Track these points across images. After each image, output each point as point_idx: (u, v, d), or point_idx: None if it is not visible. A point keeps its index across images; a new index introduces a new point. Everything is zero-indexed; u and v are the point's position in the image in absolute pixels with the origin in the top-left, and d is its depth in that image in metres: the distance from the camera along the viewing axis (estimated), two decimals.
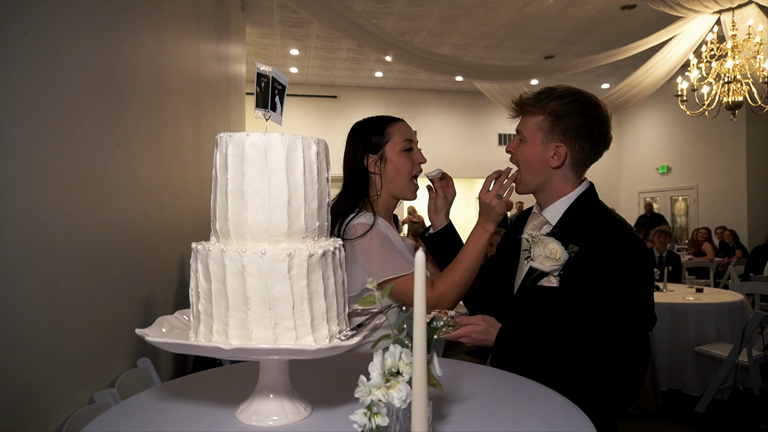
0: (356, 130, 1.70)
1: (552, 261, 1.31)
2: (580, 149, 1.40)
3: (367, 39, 5.68)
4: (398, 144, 1.62)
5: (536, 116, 1.41)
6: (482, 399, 1.07)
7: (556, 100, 1.39)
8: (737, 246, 8.03)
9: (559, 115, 1.38)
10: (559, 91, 1.41)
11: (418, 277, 0.70)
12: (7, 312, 1.14)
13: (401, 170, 1.61)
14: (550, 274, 1.34)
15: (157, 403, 1.07)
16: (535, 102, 1.42)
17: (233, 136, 0.88)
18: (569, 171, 1.42)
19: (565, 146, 1.39)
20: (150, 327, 0.93)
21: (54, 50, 1.39)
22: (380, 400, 0.73)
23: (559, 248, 1.31)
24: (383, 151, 1.62)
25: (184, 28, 3.19)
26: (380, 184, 1.63)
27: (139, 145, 2.15)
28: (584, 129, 1.38)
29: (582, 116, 1.37)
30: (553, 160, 1.40)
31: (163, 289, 2.56)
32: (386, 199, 1.66)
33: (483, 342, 1.33)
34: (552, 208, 1.43)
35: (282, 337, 0.85)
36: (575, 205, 1.41)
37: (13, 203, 1.17)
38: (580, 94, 1.41)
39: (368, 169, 1.63)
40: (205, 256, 0.87)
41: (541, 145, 1.41)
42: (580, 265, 1.30)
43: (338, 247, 0.95)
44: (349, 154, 1.67)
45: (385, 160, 1.61)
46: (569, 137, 1.38)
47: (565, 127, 1.38)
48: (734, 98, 5.86)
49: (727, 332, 3.85)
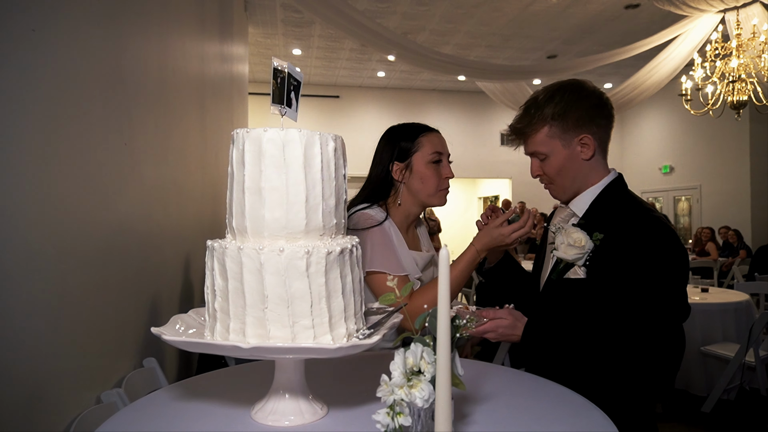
0: (389, 134, 1.66)
1: (576, 249, 1.28)
2: (599, 128, 1.38)
3: (371, 38, 5.67)
4: (427, 155, 1.58)
5: (540, 130, 1.39)
6: (503, 399, 1.06)
7: (547, 104, 1.38)
8: (741, 246, 8.01)
9: (562, 114, 1.36)
10: (543, 96, 1.40)
11: (443, 273, 0.69)
12: (16, 312, 1.13)
13: (427, 182, 1.58)
14: (576, 265, 1.31)
15: (170, 403, 1.06)
16: (529, 119, 1.40)
17: (250, 132, 0.87)
18: (600, 156, 1.41)
19: (587, 134, 1.37)
20: (165, 326, 0.92)
21: (62, 48, 1.38)
22: (403, 400, 0.72)
23: (583, 236, 1.28)
24: (410, 160, 1.59)
25: (189, 27, 3.19)
26: (402, 194, 1.61)
27: (145, 144, 2.14)
28: (591, 109, 1.37)
29: (580, 100, 1.37)
30: (584, 153, 1.37)
31: (168, 289, 2.55)
32: (408, 208, 1.63)
33: (509, 337, 1.28)
34: (579, 199, 1.41)
35: (300, 336, 0.84)
36: (603, 195, 1.38)
37: (21, 202, 1.16)
38: (562, 85, 1.41)
39: (393, 176, 1.60)
40: (221, 253, 0.86)
41: (565, 149, 1.38)
42: (608, 255, 1.27)
43: (355, 244, 0.94)
44: (376, 157, 1.64)
45: (411, 170, 1.58)
46: (585, 124, 1.37)
47: (575, 119, 1.36)
48: (739, 97, 5.83)
49: (733, 332, 3.83)
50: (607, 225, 1.29)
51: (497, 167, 13.29)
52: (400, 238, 1.57)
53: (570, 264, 1.32)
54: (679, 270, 1.26)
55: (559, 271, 1.35)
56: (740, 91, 5.82)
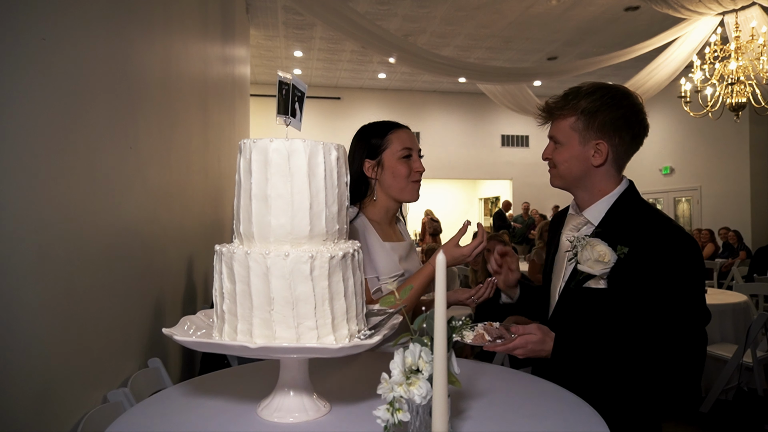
0: (360, 133, 1.71)
1: (602, 264, 1.27)
2: (621, 142, 1.35)
3: (371, 41, 5.71)
4: (396, 152, 1.62)
5: (568, 118, 1.38)
6: (497, 396, 1.10)
7: (585, 98, 1.35)
8: (741, 247, 8.04)
9: (592, 112, 1.34)
10: (585, 88, 1.37)
11: (439, 277, 0.72)
12: (26, 313, 1.17)
13: (398, 175, 1.62)
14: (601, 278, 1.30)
15: (177, 401, 1.09)
16: (563, 104, 1.38)
17: (257, 143, 0.91)
18: (612, 167, 1.39)
19: (605, 142, 1.35)
20: (175, 327, 0.96)
21: (70, 56, 1.42)
22: (402, 397, 0.76)
23: (608, 250, 1.27)
24: (381, 157, 1.63)
25: (192, 31, 3.23)
26: (377, 190, 1.65)
27: (150, 147, 2.18)
28: (621, 120, 1.34)
29: (616, 108, 1.34)
30: (594, 159, 1.36)
31: (172, 290, 2.59)
32: (385, 203, 1.67)
33: (538, 353, 1.23)
34: (594, 207, 1.39)
35: (304, 337, 0.88)
36: (618, 203, 1.37)
37: (30, 205, 1.20)
38: (609, 86, 1.38)
39: (365, 174, 1.64)
40: (229, 258, 0.90)
41: (579, 146, 1.37)
42: (630, 265, 1.26)
43: (357, 249, 0.98)
44: (349, 156, 1.68)
45: (383, 167, 1.62)
46: (607, 132, 1.34)
47: (600, 123, 1.34)
48: (738, 99, 5.86)
49: (731, 333, 3.86)
50: (626, 234, 1.29)
51: (498, 168, 13.32)
52: (372, 232, 1.61)
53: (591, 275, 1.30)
54: (700, 276, 1.27)
55: (578, 281, 1.33)
56: (739, 93, 5.85)
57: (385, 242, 1.62)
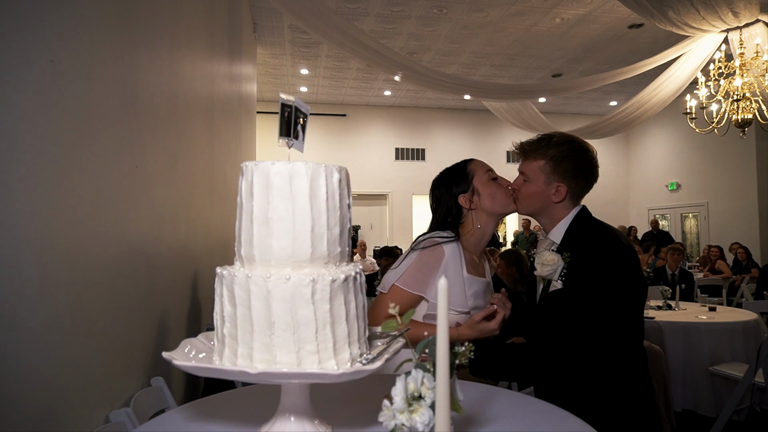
0: (439, 179, 1.82)
1: (548, 266, 1.59)
2: (576, 185, 1.67)
3: (376, 59, 5.76)
4: (483, 176, 1.76)
5: (538, 160, 1.68)
6: (502, 423, 1.08)
7: (555, 147, 1.66)
8: (751, 263, 7.95)
9: (558, 160, 1.65)
10: (556, 139, 1.69)
11: (441, 302, 0.71)
12: (30, 332, 1.17)
13: (497, 196, 1.74)
14: (553, 280, 1.60)
15: (180, 424, 1.08)
16: (536, 148, 1.69)
17: (258, 165, 0.91)
18: (568, 202, 1.70)
19: (564, 185, 1.66)
20: (175, 351, 0.95)
21: (78, 77, 1.44)
22: (404, 425, 0.75)
23: (555, 256, 1.60)
24: (473, 186, 1.75)
25: (199, 51, 3.27)
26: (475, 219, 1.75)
27: (156, 166, 2.19)
28: (580, 170, 1.66)
29: (578, 160, 1.66)
30: (554, 197, 1.67)
31: (176, 308, 2.58)
32: (485, 227, 1.76)
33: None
34: (555, 230, 1.70)
35: (305, 361, 0.87)
36: (573, 225, 1.67)
37: (36, 224, 1.21)
38: (574, 140, 1.69)
39: (462, 206, 1.75)
40: (230, 281, 0.89)
41: (544, 185, 1.68)
42: (573, 269, 1.56)
43: (359, 272, 0.97)
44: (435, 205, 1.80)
45: (478, 194, 1.74)
46: (568, 177, 1.66)
47: (563, 169, 1.65)
48: (744, 116, 5.85)
49: (742, 352, 3.80)
50: (577, 247, 1.59)
51: None
52: (458, 260, 1.68)
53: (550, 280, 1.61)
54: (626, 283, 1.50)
55: (545, 287, 1.65)
56: (745, 110, 5.84)
57: (468, 274, 1.70)
